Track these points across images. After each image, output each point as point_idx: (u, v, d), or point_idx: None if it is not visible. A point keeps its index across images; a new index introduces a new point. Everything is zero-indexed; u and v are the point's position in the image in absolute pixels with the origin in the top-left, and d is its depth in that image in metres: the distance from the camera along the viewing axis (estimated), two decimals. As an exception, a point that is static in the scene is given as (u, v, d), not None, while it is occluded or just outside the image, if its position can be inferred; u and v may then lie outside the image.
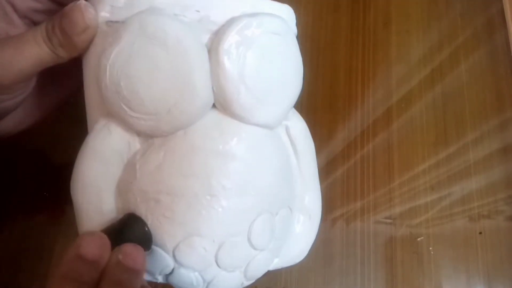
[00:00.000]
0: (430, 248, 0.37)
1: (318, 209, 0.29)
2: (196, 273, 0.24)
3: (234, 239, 0.24)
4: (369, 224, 0.37)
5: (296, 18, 0.27)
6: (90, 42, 0.23)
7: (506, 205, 0.39)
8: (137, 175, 0.23)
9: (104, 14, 0.23)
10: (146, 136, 0.24)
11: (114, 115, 0.23)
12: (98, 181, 0.24)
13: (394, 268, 0.36)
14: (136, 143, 0.24)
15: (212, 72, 0.22)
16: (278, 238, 0.26)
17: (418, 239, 0.37)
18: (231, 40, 0.22)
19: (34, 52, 0.23)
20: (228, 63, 0.22)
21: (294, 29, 0.27)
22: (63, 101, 0.29)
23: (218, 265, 0.24)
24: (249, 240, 0.24)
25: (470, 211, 0.38)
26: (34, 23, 0.25)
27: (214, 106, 0.23)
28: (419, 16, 0.46)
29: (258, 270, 0.26)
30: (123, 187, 0.24)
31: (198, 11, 0.23)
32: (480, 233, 0.38)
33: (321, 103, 0.41)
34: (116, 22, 0.23)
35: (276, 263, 0.27)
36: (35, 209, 0.34)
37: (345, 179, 0.39)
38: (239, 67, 0.23)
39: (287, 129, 0.27)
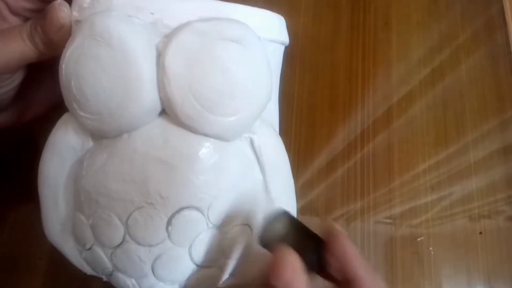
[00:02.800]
0: (430, 248, 0.37)
1: None
2: (133, 280, 0.24)
3: (172, 252, 0.23)
4: (369, 224, 0.37)
5: (287, 24, 0.26)
6: (66, 39, 0.23)
7: (507, 205, 0.39)
8: (83, 173, 0.23)
9: (75, 13, 0.23)
10: (97, 136, 0.24)
11: (71, 113, 0.24)
12: (55, 176, 0.25)
13: (394, 268, 0.36)
14: (89, 142, 0.24)
15: (158, 77, 0.22)
16: (230, 257, 0.25)
17: (418, 239, 0.37)
18: (179, 44, 0.21)
19: (19, 48, 0.24)
20: (174, 68, 0.21)
21: (276, 37, 0.25)
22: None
23: (155, 276, 0.23)
24: (190, 254, 0.23)
25: (470, 211, 0.38)
26: (27, 20, 0.26)
27: (165, 112, 0.23)
28: (420, 16, 0.45)
29: (201, 286, 0.25)
30: (72, 183, 0.24)
31: (152, 14, 0.22)
32: (481, 233, 0.38)
33: (321, 103, 0.41)
34: (79, 21, 0.23)
35: (229, 279, 0.26)
36: (37, 208, 0.34)
37: (345, 179, 0.39)
38: (186, 73, 0.21)
39: (252, 142, 0.25)
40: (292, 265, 0.18)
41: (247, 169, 0.25)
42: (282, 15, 0.26)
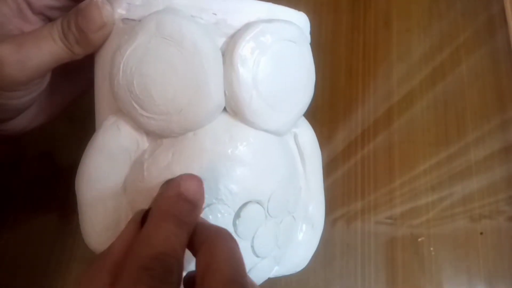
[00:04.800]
0: (431, 249, 0.37)
1: (322, 218, 0.29)
2: None
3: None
4: (370, 225, 0.37)
5: (311, 26, 0.27)
6: (106, 39, 0.23)
7: (507, 205, 0.38)
8: (144, 174, 0.23)
9: (121, 11, 0.23)
10: (156, 136, 0.23)
11: (125, 113, 0.23)
12: (104, 178, 0.24)
13: (394, 268, 0.36)
14: (144, 142, 0.24)
15: (226, 76, 0.22)
16: (281, 246, 0.26)
17: (419, 239, 0.37)
18: (246, 45, 0.22)
19: (51, 49, 0.23)
20: (242, 68, 0.22)
21: (308, 37, 0.27)
22: (76, 98, 0.29)
23: None
24: (252, 247, 0.24)
25: (471, 211, 0.38)
26: (50, 20, 0.25)
27: (225, 109, 0.23)
28: (420, 15, 0.45)
29: (258, 277, 0.25)
30: (130, 185, 0.24)
31: (215, 14, 0.23)
32: (481, 233, 0.37)
33: (321, 103, 0.41)
34: (133, 20, 0.23)
35: (276, 271, 0.27)
36: (38, 209, 0.34)
37: (346, 179, 0.38)
38: (253, 72, 0.22)
39: (295, 137, 0.27)
40: (202, 189, 0.20)
41: (293, 161, 0.27)
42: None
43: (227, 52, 0.22)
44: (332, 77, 0.42)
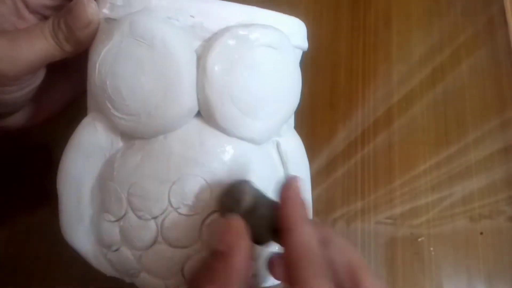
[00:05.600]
0: (431, 249, 0.37)
1: None
2: (161, 281, 0.24)
3: (203, 252, 0.23)
4: (370, 225, 0.37)
5: (311, 26, 0.26)
6: (93, 37, 0.23)
7: (507, 205, 0.38)
8: (114, 173, 0.23)
9: (105, 11, 0.23)
10: (128, 136, 0.24)
11: (101, 112, 0.23)
12: (80, 175, 0.24)
13: (395, 268, 0.36)
14: (119, 142, 0.24)
15: (198, 80, 0.22)
16: (257, 257, 0.25)
17: (419, 239, 0.37)
18: (221, 49, 0.22)
19: (42, 46, 0.23)
20: (215, 72, 0.22)
21: (302, 44, 0.26)
22: (75, 97, 0.29)
23: (184, 276, 0.23)
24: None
25: (471, 211, 0.38)
26: (46, 19, 0.26)
27: (199, 114, 0.23)
28: (420, 15, 0.45)
29: None
30: (101, 183, 0.24)
31: (192, 17, 0.22)
32: (481, 233, 0.37)
33: (321, 103, 0.41)
34: (114, 20, 0.23)
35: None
36: (37, 209, 0.34)
37: (346, 179, 0.38)
38: (226, 78, 0.22)
39: (278, 146, 0.26)
40: (236, 230, 0.19)
41: (273, 171, 0.26)
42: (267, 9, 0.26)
43: (202, 55, 0.22)
44: (332, 77, 0.42)
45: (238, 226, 0.19)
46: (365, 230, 0.37)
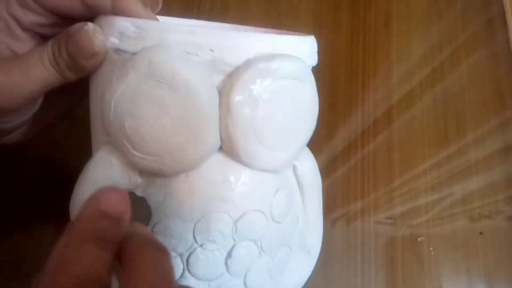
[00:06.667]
0: (431, 248, 0.37)
1: (318, 246, 0.28)
2: None
3: (229, 282, 0.23)
4: (370, 224, 0.37)
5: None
6: (98, 65, 0.22)
7: (507, 205, 0.39)
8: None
9: (114, 40, 0.21)
10: (148, 174, 0.23)
11: (117, 148, 0.22)
12: None
13: (394, 268, 0.36)
14: (137, 177, 0.23)
15: (221, 118, 0.21)
16: (274, 277, 0.25)
17: (419, 239, 0.37)
18: (244, 86, 0.21)
19: (42, 75, 0.22)
20: (239, 110, 0.21)
21: (314, 61, 0.25)
22: (70, 109, 0.29)
23: None
24: (244, 283, 0.24)
25: (470, 211, 0.38)
26: (40, 36, 0.25)
27: (220, 148, 0.23)
28: (420, 15, 0.45)
29: None
30: None
31: (212, 51, 0.21)
32: (481, 233, 0.37)
33: (321, 103, 0.40)
34: (125, 52, 0.21)
35: None
36: (37, 214, 0.34)
37: (346, 179, 0.39)
38: (250, 115, 0.21)
39: (294, 169, 0.26)
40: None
41: (292, 195, 0.26)
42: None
43: (224, 92, 0.21)
44: (332, 77, 0.42)
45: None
46: (365, 230, 0.37)
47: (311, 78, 0.24)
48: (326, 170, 0.38)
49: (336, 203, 0.38)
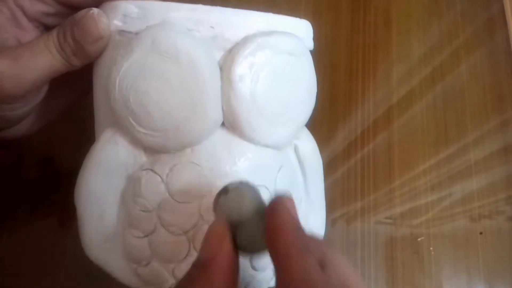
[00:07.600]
0: (431, 248, 0.37)
1: (321, 227, 0.29)
2: None
3: None
4: (370, 224, 0.37)
5: (314, 32, 0.27)
6: (103, 49, 0.23)
7: (507, 205, 0.39)
8: (142, 189, 0.23)
9: (117, 22, 0.22)
10: (153, 151, 0.23)
11: (122, 128, 0.23)
12: (102, 192, 0.24)
13: (394, 268, 0.36)
14: (142, 156, 0.23)
15: (223, 92, 0.22)
16: None
17: (419, 239, 0.37)
18: (244, 60, 0.22)
19: (48, 62, 0.22)
20: (240, 84, 0.22)
21: (310, 45, 0.26)
22: (74, 102, 0.29)
23: None
24: (250, 262, 0.24)
25: (470, 211, 0.38)
26: (45, 26, 0.25)
27: (223, 124, 0.23)
28: (420, 15, 0.45)
29: None
30: (127, 199, 0.24)
31: (212, 27, 0.22)
32: (481, 233, 0.37)
33: (321, 103, 0.40)
34: (129, 32, 0.22)
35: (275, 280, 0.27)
36: (37, 212, 0.34)
37: (346, 179, 0.39)
38: (251, 88, 0.22)
39: (296, 148, 0.26)
40: (217, 237, 0.18)
41: (293, 175, 0.26)
42: (282, 15, 0.26)
43: (225, 67, 0.22)
44: (332, 77, 0.42)
45: (220, 232, 0.18)
46: (365, 230, 0.37)
47: (309, 57, 0.25)
48: (326, 170, 0.38)
49: (336, 203, 0.38)
